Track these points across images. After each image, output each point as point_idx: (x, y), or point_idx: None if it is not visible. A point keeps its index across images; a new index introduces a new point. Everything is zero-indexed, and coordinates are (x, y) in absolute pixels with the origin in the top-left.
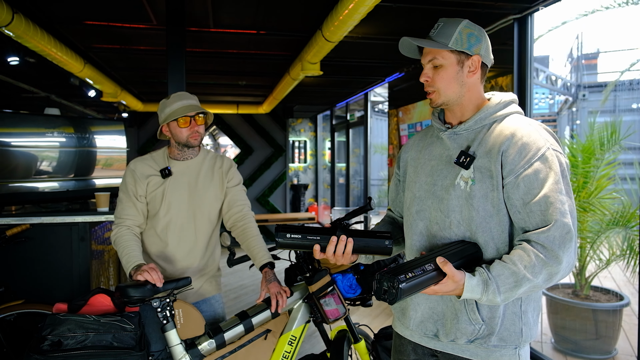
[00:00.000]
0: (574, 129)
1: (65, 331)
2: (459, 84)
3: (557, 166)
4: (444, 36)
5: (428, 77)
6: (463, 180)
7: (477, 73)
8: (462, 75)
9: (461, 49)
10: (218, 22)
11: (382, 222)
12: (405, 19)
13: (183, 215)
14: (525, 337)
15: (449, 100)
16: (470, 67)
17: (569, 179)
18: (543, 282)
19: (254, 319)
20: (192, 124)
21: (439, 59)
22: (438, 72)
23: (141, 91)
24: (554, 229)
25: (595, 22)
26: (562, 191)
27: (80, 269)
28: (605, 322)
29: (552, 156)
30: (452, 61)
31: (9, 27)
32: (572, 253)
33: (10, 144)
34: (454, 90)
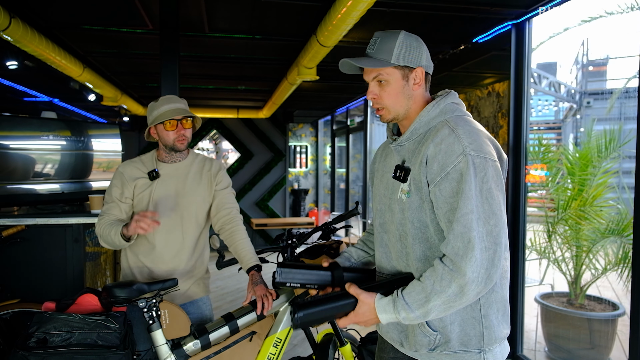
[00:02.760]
0: (578, 136)
1: (52, 329)
2: (405, 97)
3: (470, 172)
4: (384, 52)
5: (375, 94)
6: (403, 193)
7: (422, 83)
8: (408, 89)
9: (404, 64)
10: (213, 27)
11: (362, 237)
12: (400, 24)
13: (170, 217)
14: (488, 340)
15: (398, 114)
16: (415, 80)
17: (491, 183)
18: (455, 295)
19: (239, 321)
20: (178, 127)
21: (383, 74)
22: (384, 88)
23: (141, 95)
24: (453, 239)
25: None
26: (472, 197)
27: (74, 269)
28: (599, 332)
29: (468, 162)
30: (396, 77)
31: (7, 32)
32: (477, 262)
33: (8, 146)
34: (401, 105)
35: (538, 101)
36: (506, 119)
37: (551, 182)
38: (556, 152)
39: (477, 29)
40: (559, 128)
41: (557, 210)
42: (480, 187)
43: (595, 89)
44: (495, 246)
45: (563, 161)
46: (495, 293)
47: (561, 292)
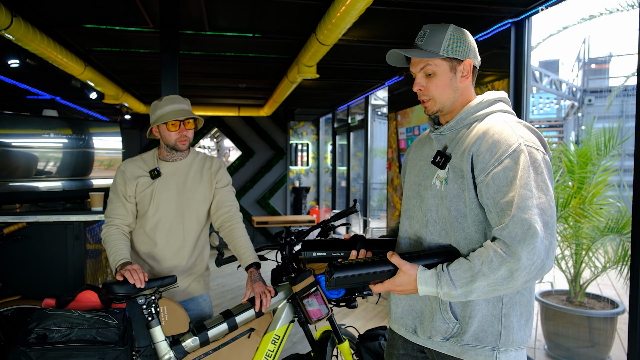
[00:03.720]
0: (579, 134)
1: (51, 325)
2: (452, 90)
3: (527, 162)
4: (433, 44)
5: (422, 86)
6: (438, 179)
7: (469, 77)
8: (456, 81)
9: (453, 56)
10: (213, 25)
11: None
12: (400, 22)
13: (171, 215)
14: (505, 340)
15: (444, 106)
16: (463, 72)
17: (545, 175)
18: (503, 279)
19: (237, 318)
20: (181, 128)
21: (431, 66)
22: (431, 80)
23: (142, 93)
24: (512, 225)
25: (605, 25)
26: (531, 187)
27: (75, 266)
28: (599, 330)
29: (524, 152)
30: (444, 68)
31: (8, 31)
32: (534, 250)
33: (10, 144)
34: (448, 97)
35: (539, 99)
36: None
37: None
38: (556, 150)
39: (476, 27)
40: (561, 126)
41: (557, 208)
42: (535, 179)
43: (597, 86)
44: (551, 238)
45: (562, 159)
46: (521, 295)
47: (561, 290)
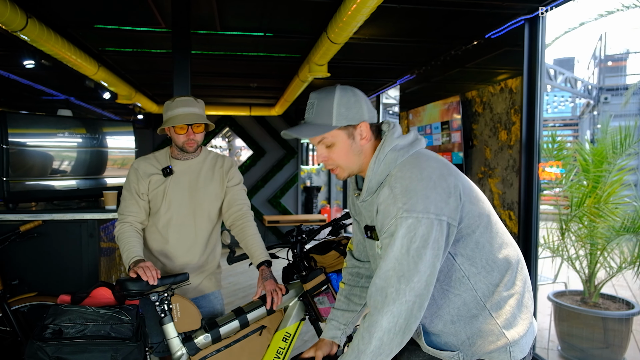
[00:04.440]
0: (595, 133)
1: (66, 321)
2: (356, 154)
3: (400, 234)
4: (324, 116)
5: (325, 157)
6: (379, 249)
7: (369, 136)
8: (357, 146)
9: (346, 123)
10: (225, 25)
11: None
12: (411, 20)
13: (183, 213)
14: (512, 336)
15: (353, 170)
16: (361, 135)
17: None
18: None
19: (249, 315)
20: (189, 131)
21: (328, 138)
22: (332, 150)
23: (155, 93)
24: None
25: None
26: (395, 257)
27: (89, 264)
28: (614, 331)
29: (400, 224)
30: (342, 137)
31: (24, 32)
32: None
33: (25, 144)
34: (353, 162)
35: (554, 97)
36: (519, 115)
37: (565, 179)
38: (570, 149)
39: (489, 24)
40: (576, 124)
41: (571, 207)
42: (407, 247)
43: (613, 84)
44: (416, 298)
45: (577, 158)
46: (499, 293)
47: (575, 290)
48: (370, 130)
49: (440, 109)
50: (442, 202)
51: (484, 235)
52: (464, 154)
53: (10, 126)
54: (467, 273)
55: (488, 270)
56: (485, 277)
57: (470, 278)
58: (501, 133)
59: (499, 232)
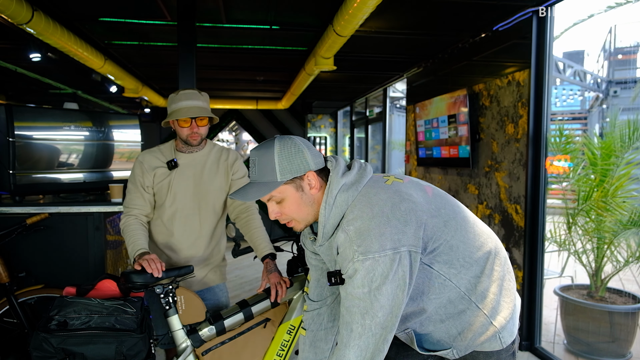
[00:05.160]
0: (603, 127)
1: (71, 312)
2: (308, 205)
3: (359, 276)
4: (267, 173)
5: (277, 213)
6: None
7: (318, 184)
8: (307, 196)
9: (292, 176)
10: (230, 18)
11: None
12: (418, 12)
13: (188, 206)
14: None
15: (309, 220)
16: (310, 184)
17: (379, 281)
18: None
19: (253, 308)
20: (192, 124)
21: (276, 195)
22: (283, 205)
23: (162, 86)
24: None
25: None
26: (357, 296)
27: (96, 256)
28: (620, 325)
29: (357, 267)
30: (290, 191)
31: (30, 25)
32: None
33: (32, 137)
34: (307, 212)
35: (562, 90)
36: (526, 108)
37: (573, 173)
38: (578, 142)
39: (497, 16)
40: (585, 118)
41: (578, 201)
42: (369, 287)
43: (623, 77)
44: (382, 331)
45: (585, 151)
46: (482, 284)
47: (581, 284)
48: (318, 178)
49: (447, 103)
50: (399, 234)
51: (456, 237)
52: (470, 147)
53: (17, 119)
54: (448, 276)
55: (467, 267)
56: (466, 273)
57: (452, 279)
58: (508, 126)
59: (470, 226)
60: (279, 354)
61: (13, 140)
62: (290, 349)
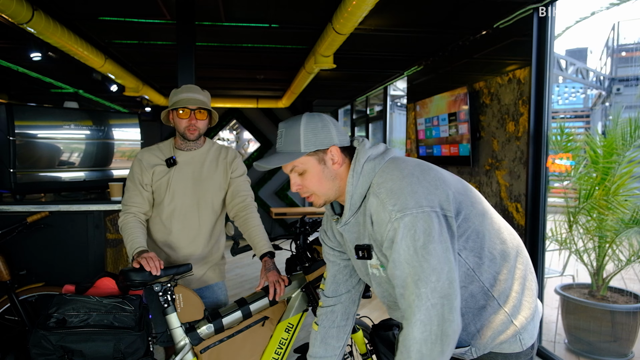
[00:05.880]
0: (606, 125)
1: (70, 310)
2: (329, 180)
3: (400, 236)
4: (292, 144)
5: (298, 185)
6: (374, 268)
7: (341, 160)
8: (329, 171)
9: (315, 149)
10: (230, 16)
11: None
12: (416, 10)
13: (187, 203)
14: (520, 322)
15: (330, 197)
16: (333, 159)
17: (422, 238)
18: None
19: (252, 306)
20: (191, 116)
21: (299, 166)
22: (305, 177)
23: (162, 85)
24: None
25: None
26: (405, 262)
27: (96, 254)
28: (621, 324)
29: (396, 226)
30: (312, 163)
31: (30, 24)
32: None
33: (32, 135)
34: (328, 187)
35: (565, 88)
36: (527, 106)
37: (574, 171)
38: (580, 140)
39: (497, 13)
40: (588, 116)
41: (579, 199)
42: (414, 247)
43: (627, 75)
44: (443, 300)
45: (586, 150)
46: (505, 281)
47: (583, 283)
48: (341, 154)
49: (447, 101)
50: (431, 195)
51: (483, 224)
52: (471, 145)
53: (17, 118)
54: (472, 265)
55: (491, 259)
56: (490, 266)
57: (476, 270)
58: (509, 124)
59: (495, 219)
60: (277, 352)
61: (13, 139)
62: (288, 347)
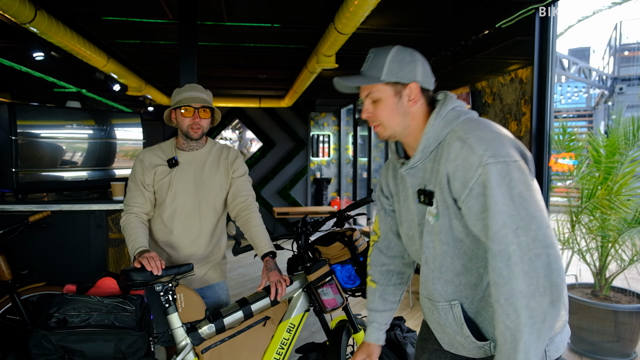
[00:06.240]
0: (609, 124)
1: (71, 310)
2: (401, 115)
3: (494, 182)
4: (375, 69)
5: (369, 112)
6: (431, 215)
7: (419, 100)
8: (403, 106)
9: (395, 80)
10: (232, 16)
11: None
12: (420, 9)
13: (189, 204)
14: None
15: (395, 132)
16: (410, 96)
17: (520, 186)
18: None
19: (253, 306)
20: (195, 115)
21: (374, 93)
22: (377, 105)
23: (165, 85)
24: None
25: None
26: (502, 211)
27: (97, 254)
28: (625, 324)
29: (489, 171)
30: (388, 93)
31: (33, 24)
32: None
33: (35, 135)
34: (397, 122)
35: (567, 88)
36: (529, 105)
37: (576, 171)
38: (582, 140)
39: (500, 13)
40: (590, 116)
41: (582, 199)
42: (509, 195)
43: (629, 74)
44: (547, 249)
45: (589, 149)
46: None
47: (585, 283)
48: (420, 93)
49: None
50: (517, 150)
51: None
52: None
53: (19, 118)
54: None
55: None
56: None
57: None
58: (511, 124)
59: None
60: (279, 352)
61: (15, 139)
62: (289, 347)
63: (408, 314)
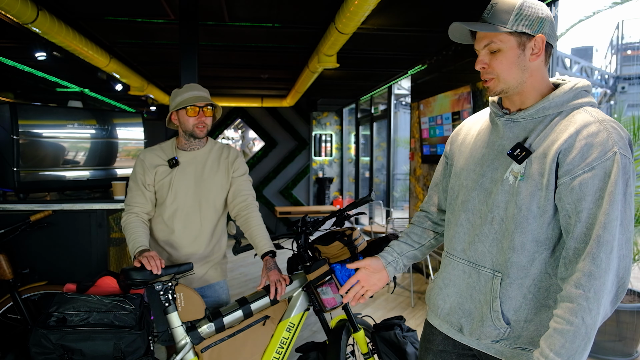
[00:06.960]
0: None
1: (71, 309)
2: (520, 69)
3: (619, 173)
4: (500, 17)
5: (485, 63)
6: (513, 174)
7: (541, 55)
8: (524, 59)
9: (522, 30)
10: (233, 16)
11: (406, 230)
12: (420, 9)
13: (189, 203)
14: None
15: (509, 87)
16: (533, 49)
17: (632, 187)
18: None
19: (253, 305)
20: (200, 114)
21: (496, 42)
22: (496, 57)
23: (167, 84)
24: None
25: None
26: (619, 203)
27: (98, 253)
28: (626, 324)
29: (618, 162)
30: (511, 44)
31: (35, 24)
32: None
33: (36, 134)
34: (514, 77)
35: None
36: None
37: None
38: None
39: None
40: None
41: None
42: (624, 191)
43: (631, 73)
44: (630, 253)
45: None
46: None
47: None
48: (544, 49)
49: (451, 100)
50: None
51: None
52: None
53: (21, 117)
54: None
55: None
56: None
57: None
58: None
59: None
60: (278, 352)
61: (17, 138)
62: (289, 346)
63: (408, 314)
